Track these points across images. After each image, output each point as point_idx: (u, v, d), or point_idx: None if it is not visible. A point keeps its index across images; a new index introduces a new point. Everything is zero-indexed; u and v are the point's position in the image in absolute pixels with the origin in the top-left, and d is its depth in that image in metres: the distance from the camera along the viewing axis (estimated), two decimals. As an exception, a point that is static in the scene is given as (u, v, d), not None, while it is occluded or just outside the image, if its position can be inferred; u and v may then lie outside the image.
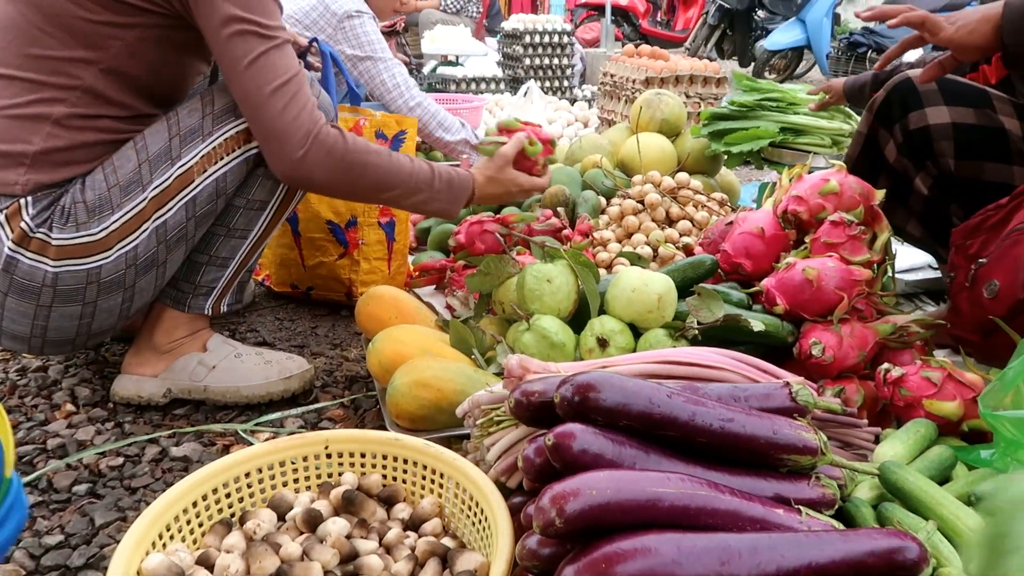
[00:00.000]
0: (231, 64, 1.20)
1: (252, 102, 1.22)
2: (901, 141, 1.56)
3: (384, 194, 1.37)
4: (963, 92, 1.53)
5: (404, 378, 1.21)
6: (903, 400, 1.21)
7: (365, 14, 2.48)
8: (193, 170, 1.26)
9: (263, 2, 1.21)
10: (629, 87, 3.28)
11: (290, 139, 1.23)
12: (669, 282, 1.36)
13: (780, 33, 6.78)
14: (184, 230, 1.29)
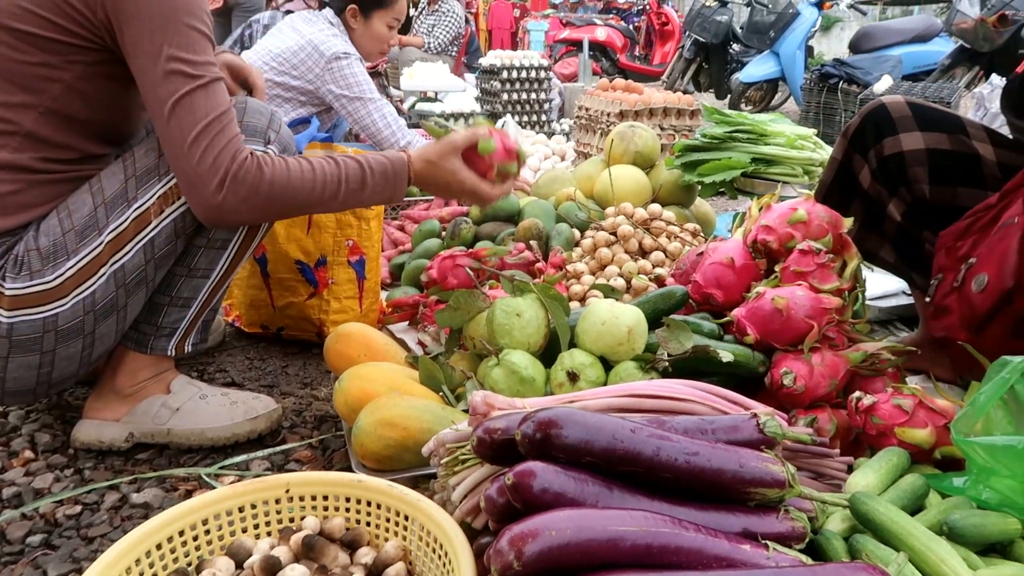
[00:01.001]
0: (155, 104, 1.17)
1: (173, 148, 1.18)
2: (875, 167, 1.58)
3: (316, 208, 1.33)
4: (937, 118, 1.55)
5: (369, 417, 1.19)
6: (875, 428, 1.20)
7: (352, 55, 2.50)
8: (150, 211, 1.24)
9: (191, 37, 1.17)
10: (604, 120, 3.31)
11: (207, 186, 1.18)
12: (639, 314, 1.35)
13: (755, 66, 6.89)
14: (143, 273, 1.26)
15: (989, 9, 5.34)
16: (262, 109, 1.35)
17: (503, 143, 1.45)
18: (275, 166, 1.24)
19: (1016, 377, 1.05)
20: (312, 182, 1.27)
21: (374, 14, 2.58)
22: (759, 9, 7.28)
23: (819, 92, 5.01)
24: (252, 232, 1.38)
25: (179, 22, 1.15)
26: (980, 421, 1.07)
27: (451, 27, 6.18)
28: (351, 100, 2.47)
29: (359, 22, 2.56)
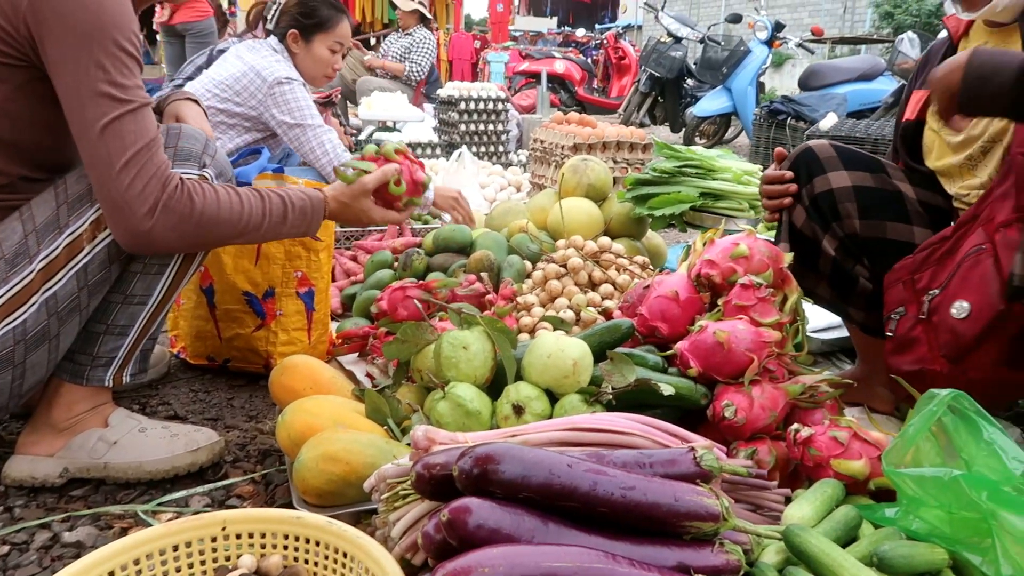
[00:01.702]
0: (81, 126, 1.14)
1: (100, 172, 1.16)
2: (808, 205, 1.63)
3: (237, 239, 1.36)
4: (859, 159, 1.62)
5: (311, 452, 1.18)
6: (812, 460, 1.23)
7: (295, 81, 2.49)
8: (83, 237, 1.22)
9: (120, 58, 1.14)
10: (558, 153, 3.36)
11: (136, 213, 1.17)
12: (584, 347, 1.37)
13: (708, 100, 7.06)
14: (76, 300, 1.24)
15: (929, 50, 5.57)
16: (196, 134, 1.34)
17: (411, 178, 1.56)
18: (206, 197, 1.24)
19: (943, 410, 1.09)
20: (240, 214, 1.29)
21: (315, 38, 2.58)
22: (712, 46, 7.49)
23: (769, 127, 5.16)
24: (190, 258, 1.36)
25: (107, 42, 1.12)
26: (910, 453, 1.10)
27: (428, 54, 6.22)
28: (292, 127, 2.46)
29: (300, 47, 2.57)
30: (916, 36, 5.73)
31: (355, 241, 2.67)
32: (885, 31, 15.15)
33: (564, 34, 13.86)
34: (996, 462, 1.04)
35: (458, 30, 12.47)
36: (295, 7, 2.56)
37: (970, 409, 1.07)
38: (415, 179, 1.56)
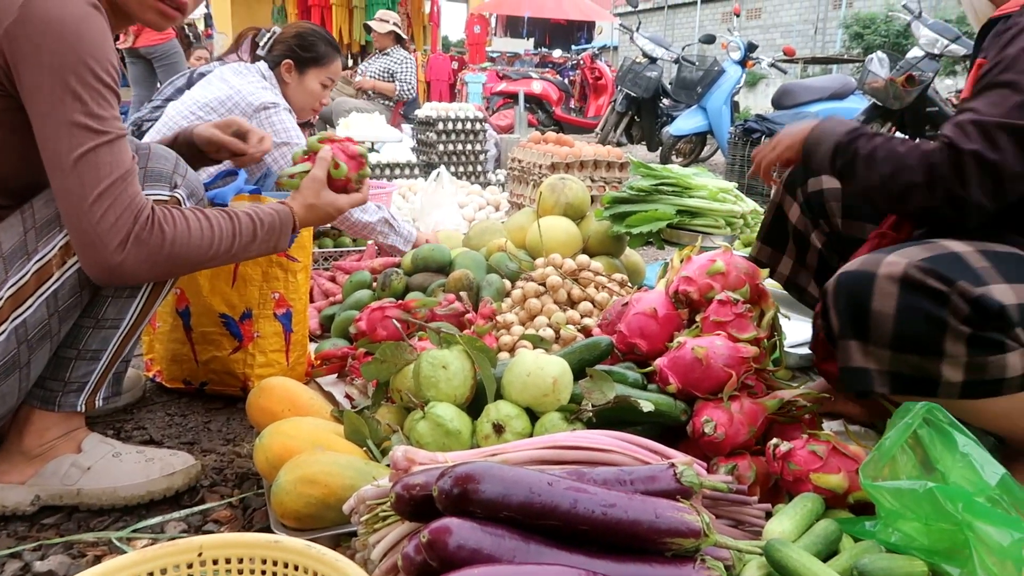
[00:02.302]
0: (54, 156, 1.12)
1: (72, 204, 1.13)
2: (802, 202, 1.73)
3: (208, 264, 1.33)
4: None
5: (289, 475, 1.17)
6: (791, 474, 1.24)
7: (280, 105, 2.49)
8: (52, 263, 1.20)
9: (97, 89, 1.12)
10: (536, 172, 3.38)
11: (107, 246, 1.15)
12: (564, 365, 1.37)
13: (683, 120, 7.15)
14: (47, 327, 1.22)
15: (898, 70, 5.68)
16: (167, 155, 1.33)
17: (346, 154, 1.57)
18: (176, 226, 1.22)
19: (918, 422, 1.10)
20: (210, 239, 1.27)
21: (309, 71, 2.59)
22: (687, 66, 7.59)
23: (743, 146, 5.23)
24: (161, 281, 1.34)
25: (84, 72, 1.10)
26: (887, 465, 1.11)
27: (413, 72, 6.26)
28: (277, 146, 2.46)
29: (293, 77, 2.57)
30: (885, 56, 5.84)
31: (334, 261, 2.66)
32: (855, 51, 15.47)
33: (541, 55, 13.99)
34: (972, 473, 1.05)
35: (436, 51, 12.55)
36: (293, 38, 2.57)
37: (944, 421, 1.09)
38: (350, 153, 1.57)
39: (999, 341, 1.12)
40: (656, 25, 23.10)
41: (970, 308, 1.11)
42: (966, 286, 1.11)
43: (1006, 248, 1.21)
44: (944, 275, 1.11)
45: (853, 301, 1.18)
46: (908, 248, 1.19)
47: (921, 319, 1.12)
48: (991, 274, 1.14)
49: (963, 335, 1.12)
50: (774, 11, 20.56)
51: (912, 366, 1.15)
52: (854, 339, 1.19)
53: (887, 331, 1.14)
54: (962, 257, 1.15)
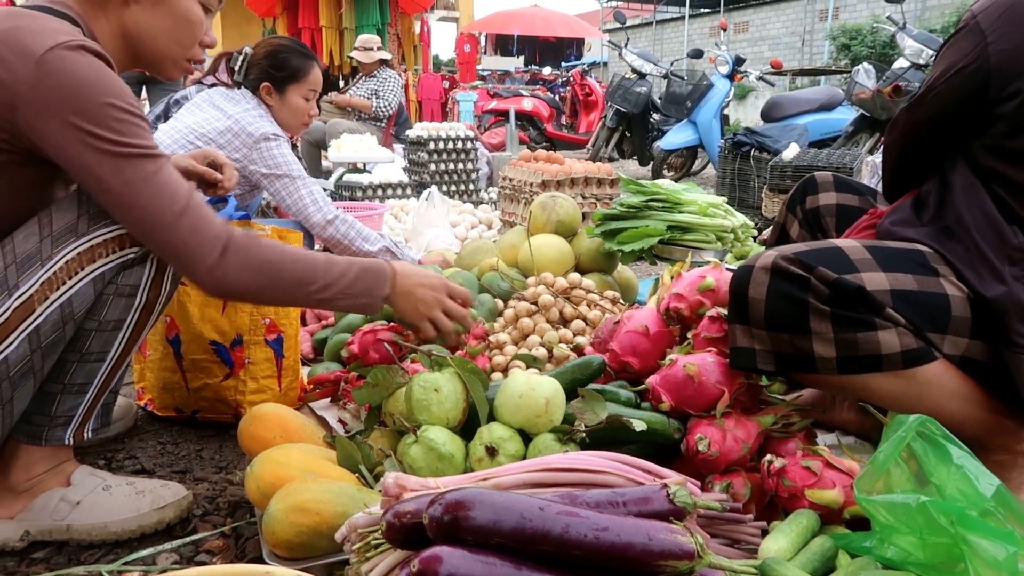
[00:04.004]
0: (122, 193, 1.15)
1: (160, 230, 1.18)
2: (801, 218, 1.78)
3: (305, 289, 1.32)
4: (852, 185, 1.75)
5: (280, 503, 1.15)
6: (786, 491, 1.23)
7: (281, 138, 2.49)
8: (33, 299, 1.17)
9: (131, 123, 1.15)
10: (527, 190, 3.39)
11: (207, 256, 1.20)
12: (556, 385, 1.36)
13: (674, 134, 7.18)
14: (29, 364, 1.20)
15: (884, 81, 5.73)
16: None
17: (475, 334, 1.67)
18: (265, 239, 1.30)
19: (912, 435, 1.10)
20: (303, 259, 1.31)
21: (288, 89, 2.58)
22: (676, 81, 7.64)
23: (733, 159, 5.25)
24: (147, 311, 1.32)
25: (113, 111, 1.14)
26: (881, 480, 1.10)
27: (396, 92, 6.28)
28: (279, 177, 2.45)
29: (275, 99, 2.56)
30: (872, 67, 5.89)
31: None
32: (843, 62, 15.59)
33: (531, 72, 14.06)
34: (967, 485, 1.05)
35: (427, 71, 12.62)
36: (264, 59, 2.54)
37: (938, 434, 1.08)
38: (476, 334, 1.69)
39: (866, 320, 1.22)
40: (645, 41, 23.28)
41: (829, 290, 1.23)
42: (824, 271, 1.23)
43: (907, 246, 1.34)
44: (806, 263, 1.24)
45: (736, 290, 1.31)
46: (792, 245, 1.34)
47: (785, 300, 1.25)
48: (867, 264, 1.27)
49: (826, 314, 1.23)
50: (761, 24, 20.74)
51: (787, 344, 1.27)
52: (738, 323, 1.32)
53: (760, 313, 1.27)
54: (842, 250, 1.30)
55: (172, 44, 1.35)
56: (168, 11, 1.32)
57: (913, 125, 1.44)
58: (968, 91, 1.32)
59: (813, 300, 1.23)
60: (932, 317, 1.25)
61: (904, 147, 1.48)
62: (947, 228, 1.34)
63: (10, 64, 1.10)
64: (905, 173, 1.50)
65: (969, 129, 1.36)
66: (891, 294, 1.24)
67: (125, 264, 1.25)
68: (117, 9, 1.29)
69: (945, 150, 1.41)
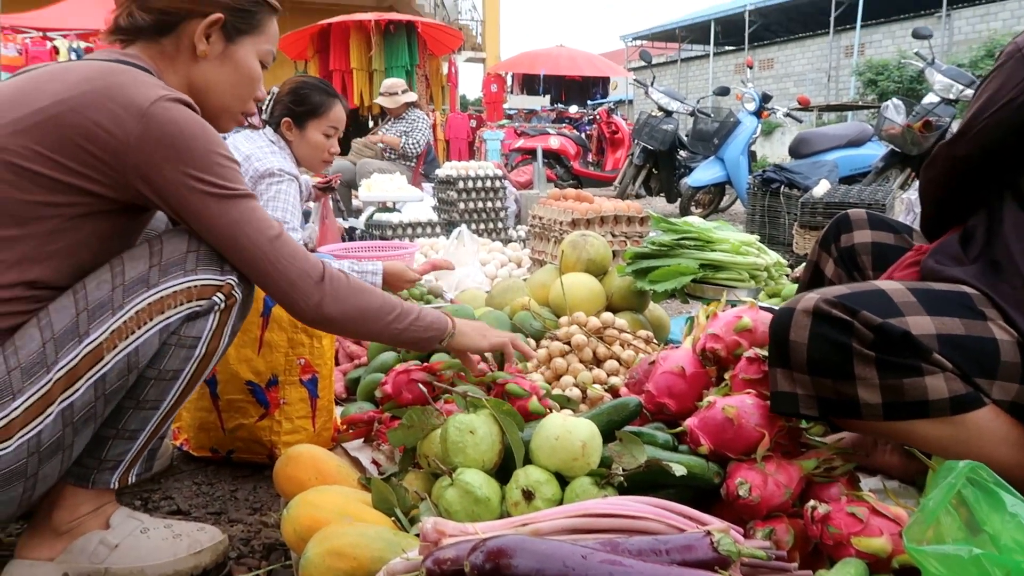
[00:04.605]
0: (231, 227, 1.25)
1: (260, 260, 1.27)
2: (836, 256, 1.77)
3: (385, 319, 1.43)
4: (887, 223, 1.74)
5: (317, 548, 1.15)
6: (832, 538, 1.20)
7: (285, 175, 2.51)
8: (103, 347, 1.19)
9: (228, 167, 1.26)
10: (557, 228, 3.40)
11: (307, 286, 1.31)
12: (592, 428, 1.35)
13: (701, 171, 7.18)
14: (93, 409, 1.21)
15: (914, 116, 5.70)
16: None
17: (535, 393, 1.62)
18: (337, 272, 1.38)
19: (962, 482, 1.07)
20: (376, 291, 1.44)
21: (308, 124, 2.64)
22: (702, 118, 7.66)
23: (763, 196, 5.23)
24: (204, 363, 1.33)
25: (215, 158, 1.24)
26: (931, 528, 1.07)
27: (424, 132, 6.40)
28: None
29: (294, 134, 2.63)
30: (901, 102, 5.87)
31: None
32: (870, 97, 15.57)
33: (557, 111, 14.21)
34: (1022, 535, 1.01)
35: (454, 110, 12.81)
36: (287, 96, 2.63)
37: (990, 480, 1.05)
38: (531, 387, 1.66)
39: (912, 365, 1.19)
40: (669, 78, 23.47)
41: (874, 335, 1.20)
42: (868, 315, 1.21)
43: (952, 288, 1.31)
44: (849, 306, 1.22)
45: (777, 333, 1.29)
46: (833, 287, 1.31)
47: (828, 345, 1.23)
48: (912, 307, 1.24)
49: (871, 359, 1.20)
50: (786, 61, 20.82)
51: (830, 389, 1.24)
52: (779, 367, 1.30)
53: (802, 358, 1.25)
54: (886, 293, 1.27)
55: (234, 99, 1.42)
56: (233, 67, 1.39)
57: (955, 160, 1.42)
58: (1017, 124, 1.30)
59: (857, 345, 1.21)
60: (980, 362, 1.22)
61: (946, 183, 1.46)
62: (995, 264, 1.31)
63: (119, 117, 1.16)
64: (947, 209, 1.48)
65: (1016, 163, 1.34)
66: (937, 339, 1.21)
67: (190, 316, 1.27)
68: (187, 64, 1.36)
69: (990, 185, 1.39)
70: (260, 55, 1.43)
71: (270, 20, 1.44)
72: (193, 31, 1.33)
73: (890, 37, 17.87)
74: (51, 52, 10.01)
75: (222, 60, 1.38)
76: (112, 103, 1.16)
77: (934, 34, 6.09)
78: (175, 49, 1.34)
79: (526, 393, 1.54)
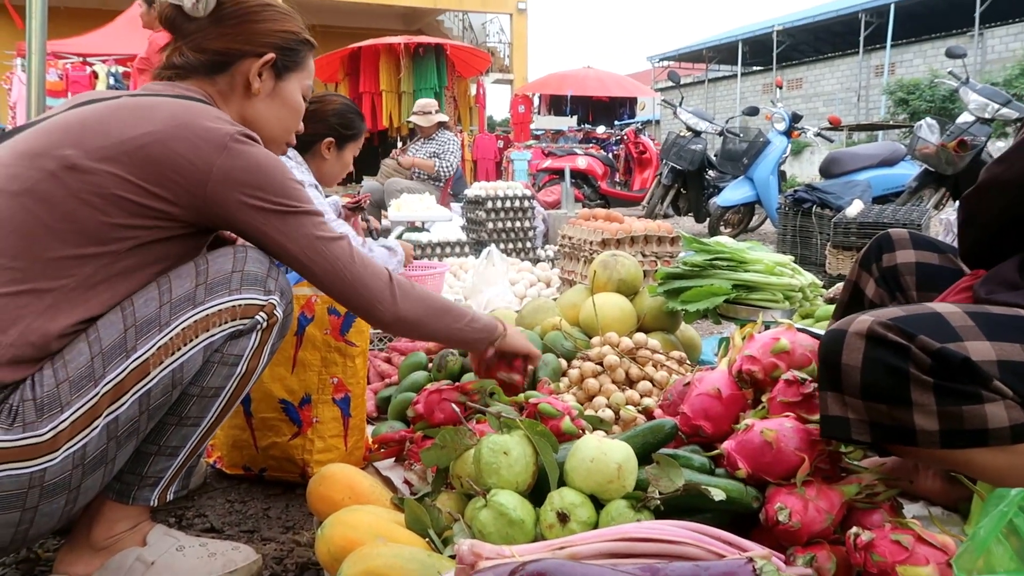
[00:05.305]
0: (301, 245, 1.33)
1: (341, 272, 1.35)
2: (878, 276, 1.73)
3: (445, 319, 1.55)
4: (931, 243, 1.71)
5: (352, 568, 1.14)
6: (876, 566, 1.16)
7: (307, 184, 2.58)
8: (149, 362, 1.21)
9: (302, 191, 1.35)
10: (587, 248, 3.39)
11: (384, 296, 1.40)
12: (628, 450, 1.34)
13: (731, 191, 7.14)
14: (136, 424, 1.23)
15: (948, 135, 5.63)
16: (261, 259, 1.35)
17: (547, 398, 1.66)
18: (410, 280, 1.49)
19: (1014, 510, 1.03)
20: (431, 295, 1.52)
21: (347, 146, 2.78)
22: (731, 138, 7.64)
23: (794, 216, 5.18)
24: (244, 381, 1.34)
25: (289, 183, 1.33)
26: (982, 558, 1.04)
27: (456, 154, 6.47)
28: None
29: (332, 154, 2.72)
30: (935, 122, 5.80)
31: (389, 343, 2.68)
32: (900, 117, 15.42)
33: (585, 131, 14.24)
34: (1076, 566, 0.98)
35: (482, 131, 12.90)
36: (334, 117, 2.70)
37: (1043, 509, 1.02)
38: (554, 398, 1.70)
39: (971, 392, 1.15)
40: (697, 99, 23.45)
41: (932, 360, 1.16)
42: (926, 340, 1.16)
43: (1011, 312, 1.26)
44: (906, 330, 1.18)
45: (827, 356, 1.25)
46: (888, 309, 1.27)
47: (883, 369, 1.18)
48: (971, 332, 1.20)
49: (928, 384, 1.16)
50: (815, 81, 20.72)
51: (885, 415, 1.20)
52: (830, 390, 1.25)
53: (855, 381, 1.21)
54: (943, 316, 1.23)
55: (282, 131, 1.52)
56: (282, 103, 1.49)
57: (1004, 185, 1.38)
58: None
59: (915, 370, 1.16)
60: None
61: (994, 208, 1.42)
62: None
63: (202, 150, 1.24)
64: (999, 236, 1.44)
65: None
66: (998, 365, 1.17)
67: (234, 334, 1.29)
68: (240, 100, 1.44)
69: None
70: (303, 89, 1.52)
71: (310, 56, 1.53)
72: (247, 70, 1.41)
73: (921, 56, 17.72)
74: (90, 77, 10.28)
75: (272, 96, 1.47)
76: (196, 137, 1.24)
77: (967, 53, 6.01)
78: (229, 87, 1.42)
79: (559, 413, 1.53)
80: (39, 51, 3.25)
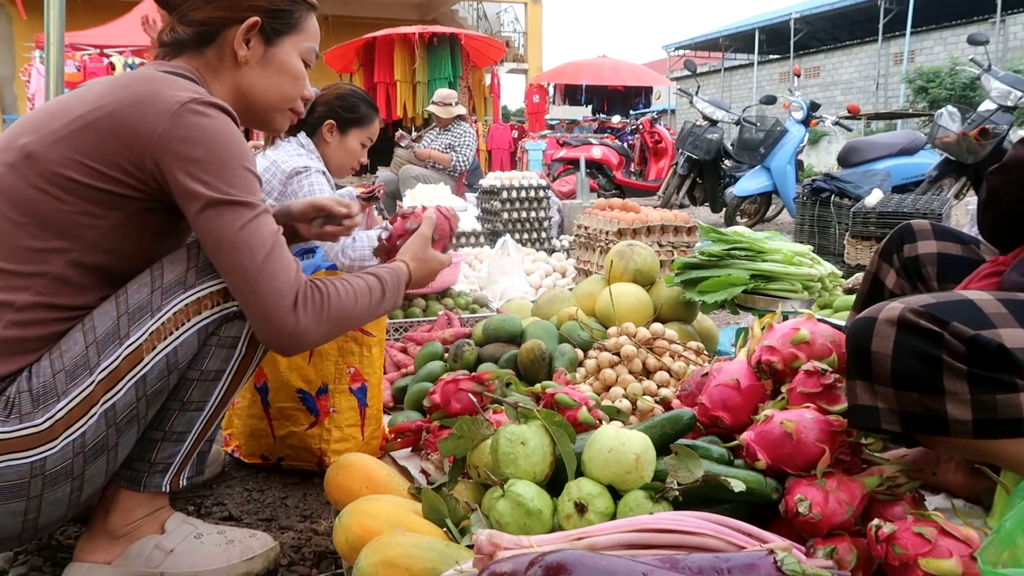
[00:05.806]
0: (219, 237, 1.20)
1: (245, 273, 1.21)
2: (899, 267, 1.71)
3: (356, 324, 1.43)
4: (953, 233, 1.68)
5: (370, 557, 1.14)
6: (898, 559, 1.15)
7: (312, 168, 2.56)
8: (142, 348, 1.22)
9: (245, 178, 1.23)
10: (603, 238, 3.37)
11: (283, 310, 1.22)
12: (646, 441, 1.33)
13: (747, 180, 7.08)
14: (135, 410, 1.24)
15: (970, 123, 5.54)
16: None
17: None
18: (327, 286, 1.31)
19: (1040, 503, 1.02)
20: (354, 296, 1.35)
21: (351, 131, 2.71)
22: (748, 127, 7.56)
23: (812, 205, 5.13)
24: (245, 363, 1.35)
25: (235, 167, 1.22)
26: (1007, 550, 1.02)
27: (472, 146, 6.45)
28: None
29: (335, 137, 2.68)
30: (956, 110, 5.72)
31: (405, 333, 2.68)
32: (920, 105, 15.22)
33: (600, 121, 14.18)
34: (1104, 560, 0.96)
35: (497, 121, 12.87)
36: (336, 100, 2.68)
37: (1069, 502, 1.00)
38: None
39: (1006, 381, 1.12)
40: (713, 88, 23.26)
41: (966, 347, 1.13)
42: (960, 327, 1.14)
43: None
44: (939, 317, 1.15)
45: (857, 344, 1.22)
46: (918, 296, 1.24)
47: (915, 357, 1.16)
48: (1004, 319, 1.17)
49: (962, 372, 1.13)
50: (833, 69, 20.49)
51: (916, 404, 1.17)
52: (859, 379, 1.23)
53: (886, 370, 1.18)
54: (975, 303, 1.20)
55: (280, 98, 1.43)
56: (275, 69, 1.40)
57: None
58: None
59: (948, 358, 1.13)
60: None
61: (1018, 186, 1.39)
62: None
63: (148, 117, 1.18)
64: (1022, 216, 1.42)
65: None
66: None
67: (228, 316, 1.29)
68: (231, 71, 1.37)
69: None
70: (302, 53, 1.43)
71: (308, 18, 1.43)
72: (233, 38, 1.34)
73: (941, 43, 17.48)
74: (108, 68, 10.34)
75: (264, 63, 1.39)
76: (145, 106, 1.19)
77: (989, 39, 5.91)
78: (218, 59, 1.36)
79: (576, 403, 1.53)
80: (57, 43, 3.27)
